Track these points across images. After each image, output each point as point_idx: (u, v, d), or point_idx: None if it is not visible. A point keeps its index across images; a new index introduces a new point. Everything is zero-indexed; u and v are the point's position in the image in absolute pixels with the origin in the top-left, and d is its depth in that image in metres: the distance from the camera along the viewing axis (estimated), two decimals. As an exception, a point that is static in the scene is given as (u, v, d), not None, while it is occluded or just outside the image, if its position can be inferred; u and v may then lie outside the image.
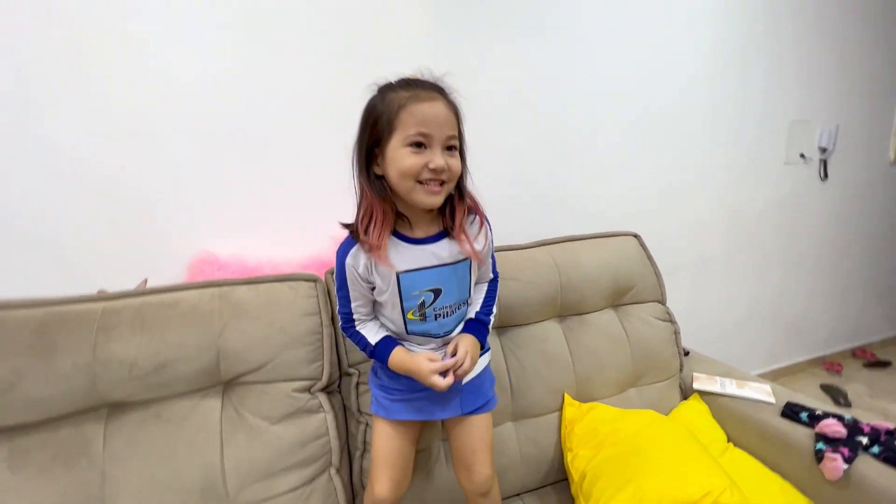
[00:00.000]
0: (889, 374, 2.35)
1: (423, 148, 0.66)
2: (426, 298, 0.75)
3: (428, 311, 0.76)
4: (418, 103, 0.65)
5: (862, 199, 2.39)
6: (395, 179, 0.68)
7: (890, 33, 2.24)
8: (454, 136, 0.69)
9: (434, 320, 0.78)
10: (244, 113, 1.21)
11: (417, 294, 0.75)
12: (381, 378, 0.87)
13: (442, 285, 0.76)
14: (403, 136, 0.66)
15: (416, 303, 0.75)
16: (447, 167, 0.67)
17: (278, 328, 0.92)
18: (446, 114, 0.67)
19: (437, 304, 0.77)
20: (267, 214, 1.28)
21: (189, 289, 0.92)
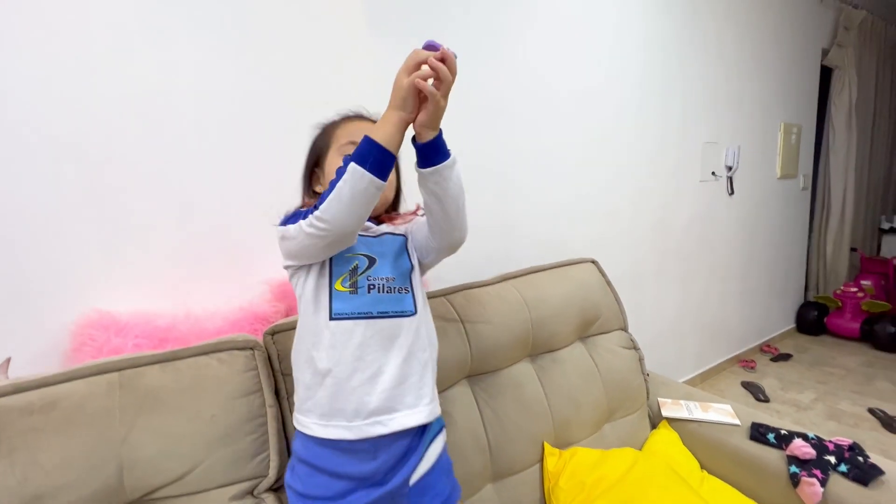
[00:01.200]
0: (792, 365, 2.64)
1: None
2: (359, 262, 0.68)
3: (360, 279, 0.67)
4: (349, 122, 0.78)
5: (759, 210, 2.69)
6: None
7: (773, 67, 2.57)
8: None
9: (367, 293, 0.66)
10: (148, 130, 0.97)
11: (349, 256, 0.68)
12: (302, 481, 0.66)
13: (377, 255, 0.70)
14: (337, 147, 0.74)
15: (347, 266, 0.67)
16: None
17: (207, 419, 0.71)
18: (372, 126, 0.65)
19: (373, 273, 0.68)
20: (181, 256, 1.04)
21: (73, 378, 0.67)
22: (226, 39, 1.03)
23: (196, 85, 1.01)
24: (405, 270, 0.72)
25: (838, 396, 2.27)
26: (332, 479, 0.64)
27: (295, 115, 1.13)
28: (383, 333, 0.66)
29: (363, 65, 1.21)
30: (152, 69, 0.96)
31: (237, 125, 1.06)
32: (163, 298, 1.03)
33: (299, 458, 0.67)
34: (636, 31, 1.86)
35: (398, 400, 0.65)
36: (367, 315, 0.65)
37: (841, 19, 2.90)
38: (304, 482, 0.65)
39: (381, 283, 0.68)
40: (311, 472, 0.65)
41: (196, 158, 1.02)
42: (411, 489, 0.67)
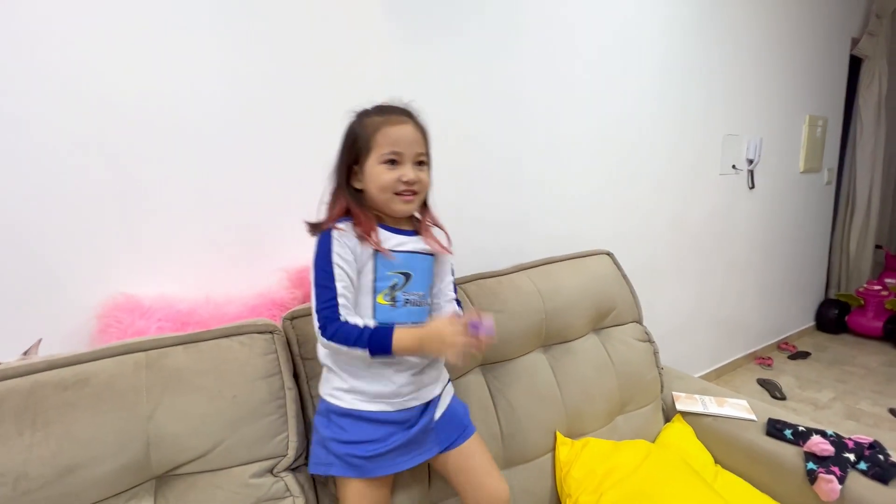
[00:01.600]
0: (810, 364, 2.59)
1: (396, 164, 0.75)
2: (398, 280, 0.78)
3: (398, 294, 0.78)
4: (391, 126, 0.75)
5: (780, 204, 2.62)
6: (375, 192, 0.76)
7: (799, 56, 2.49)
8: (423, 154, 0.78)
9: (403, 306, 0.78)
10: (169, 122, 0.99)
11: (390, 274, 0.77)
12: (346, 429, 0.75)
13: (412, 271, 0.79)
14: (379, 154, 0.75)
15: (387, 283, 0.77)
16: (418, 179, 0.76)
17: (229, 399, 0.73)
18: (415, 134, 0.77)
19: (408, 289, 0.78)
20: (202, 242, 1.06)
21: (102, 357, 0.70)
22: (249, 35, 1.04)
23: (217, 80, 1.02)
24: (428, 283, 0.83)
25: (858, 396, 2.22)
26: (374, 426, 0.75)
27: (311, 110, 1.14)
28: None
29: (379, 59, 1.21)
30: (175, 66, 0.97)
31: (256, 118, 1.07)
32: (184, 284, 1.06)
33: (341, 413, 0.76)
34: (657, 17, 1.82)
35: (426, 381, 0.81)
36: (402, 325, 0.75)
37: (873, 7, 2.79)
38: (349, 429, 0.75)
39: (414, 298, 0.79)
40: (353, 421, 0.75)
41: (217, 150, 1.04)
42: (436, 423, 0.83)
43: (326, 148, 1.17)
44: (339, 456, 0.74)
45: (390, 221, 0.80)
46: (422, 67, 1.28)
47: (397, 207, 0.77)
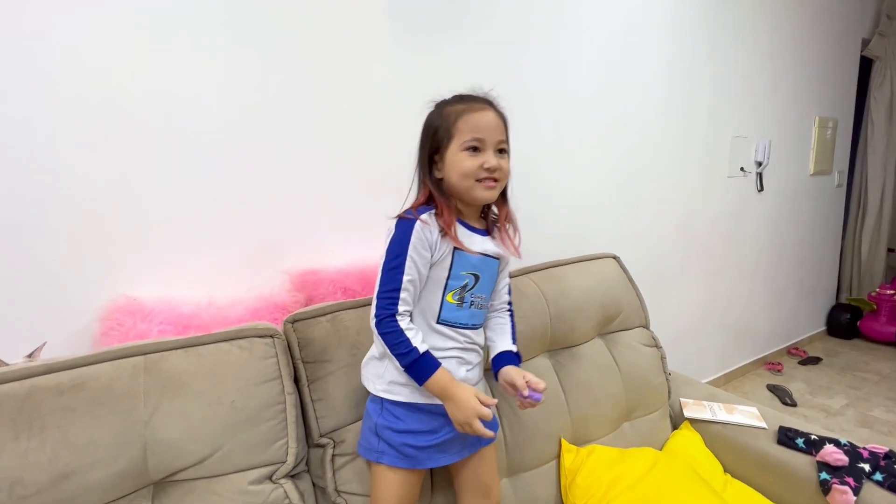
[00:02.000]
0: (821, 370, 2.54)
1: (478, 151, 0.75)
2: (469, 281, 0.78)
3: (466, 295, 0.78)
4: (472, 113, 0.75)
5: (790, 207, 2.58)
6: (456, 180, 0.75)
7: (809, 57, 2.46)
8: (503, 141, 0.77)
9: (468, 308, 0.79)
10: (174, 125, 0.98)
11: (464, 274, 0.77)
12: (402, 419, 0.76)
13: (481, 273, 0.79)
14: (460, 141, 0.74)
15: (459, 283, 0.77)
16: (499, 167, 0.75)
17: (227, 404, 0.72)
18: (496, 121, 0.76)
19: (476, 291, 0.79)
20: (205, 245, 1.05)
21: (101, 361, 0.69)
22: (250, 39, 1.03)
23: (221, 84, 1.01)
24: (492, 286, 0.84)
25: (871, 403, 2.18)
26: (431, 416, 0.76)
27: (315, 114, 1.13)
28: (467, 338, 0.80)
29: (385, 63, 1.20)
30: (180, 70, 0.97)
31: (261, 121, 1.07)
32: (186, 287, 1.05)
33: (397, 404, 0.76)
34: (663, 18, 1.80)
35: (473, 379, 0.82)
36: (463, 326, 0.79)
37: (884, 7, 2.75)
38: (405, 419, 0.76)
39: (479, 300, 0.80)
40: (408, 412, 0.76)
41: (221, 153, 1.04)
42: None
43: (330, 151, 1.18)
44: (393, 445, 0.75)
45: (468, 217, 0.81)
46: (428, 70, 1.27)
47: (479, 194, 0.76)
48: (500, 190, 0.79)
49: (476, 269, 0.78)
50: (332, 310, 0.91)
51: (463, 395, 0.70)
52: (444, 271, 0.76)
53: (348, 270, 1.17)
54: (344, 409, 0.84)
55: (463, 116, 0.74)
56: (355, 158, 1.20)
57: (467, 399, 0.70)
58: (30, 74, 0.84)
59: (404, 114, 1.23)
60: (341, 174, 1.18)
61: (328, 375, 0.85)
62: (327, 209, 1.18)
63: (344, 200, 1.19)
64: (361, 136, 1.20)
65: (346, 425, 0.84)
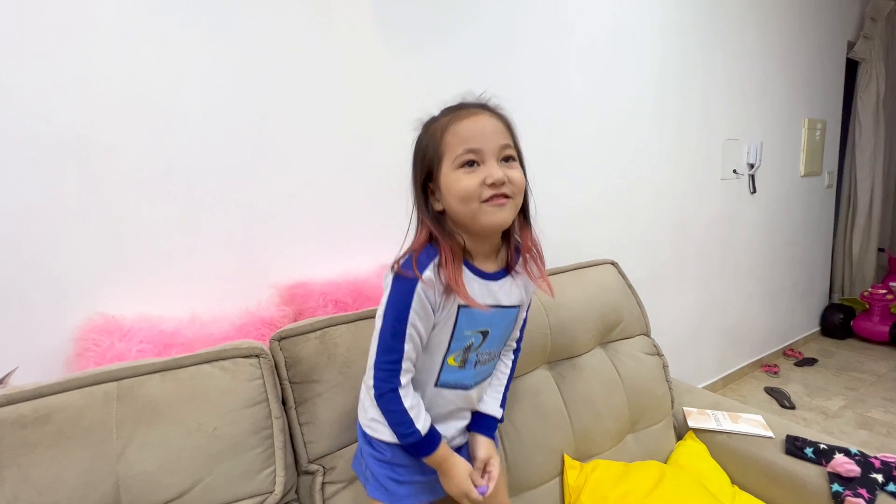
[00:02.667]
0: (818, 371, 2.53)
1: (477, 165, 0.61)
2: (475, 340, 0.66)
3: (471, 355, 0.68)
4: (460, 122, 0.61)
5: (782, 209, 2.59)
6: (457, 207, 0.61)
7: (796, 60, 2.47)
8: (509, 146, 0.63)
9: (472, 368, 0.69)
10: (152, 131, 0.93)
11: (469, 334, 0.66)
12: (383, 452, 0.69)
13: (491, 328, 0.67)
14: (452, 158, 0.60)
15: (463, 344, 0.66)
16: (508, 179, 0.61)
17: (209, 432, 0.67)
18: (494, 124, 0.62)
19: (482, 349, 0.68)
20: (187, 258, 1.00)
21: (68, 389, 0.64)
22: (235, 42, 0.99)
23: (202, 87, 0.97)
24: (509, 335, 0.74)
25: (869, 404, 2.17)
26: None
27: (305, 119, 1.09)
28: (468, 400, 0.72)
29: (373, 71, 1.16)
30: (158, 71, 0.92)
31: (245, 126, 1.02)
32: (168, 302, 1.00)
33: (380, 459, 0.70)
34: (653, 24, 1.79)
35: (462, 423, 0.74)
36: (465, 387, 0.70)
37: (868, 10, 2.79)
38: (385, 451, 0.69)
39: (486, 357, 0.70)
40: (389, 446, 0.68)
41: (203, 160, 0.99)
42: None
43: (319, 161, 1.14)
44: (374, 474, 0.70)
45: (480, 256, 0.66)
46: (419, 78, 1.23)
47: (487, 220, 0.60)
48: (517, 207, 0.64)
49: (486, 325, 0.66)
50: (321, 325, 0.86)
51: (456, 473, 0.66)
52: (447, 333, 0.64)
53: (339, 282, 1.13)
54: (333, 432, 0.79)
55: (450, 128, 0.60)
56: (346, 167, 1.16)
57: (460, 479, 0.65)
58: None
59: (397, 122, 1.20)
60: (331, 183, 1.14)
61: (316, 397, 0.80)
62: (317, 219, 1.13)
63: (334, 210, 1.15)
64: (352, 144, 1.16)
65: (336, 450, 0.79)
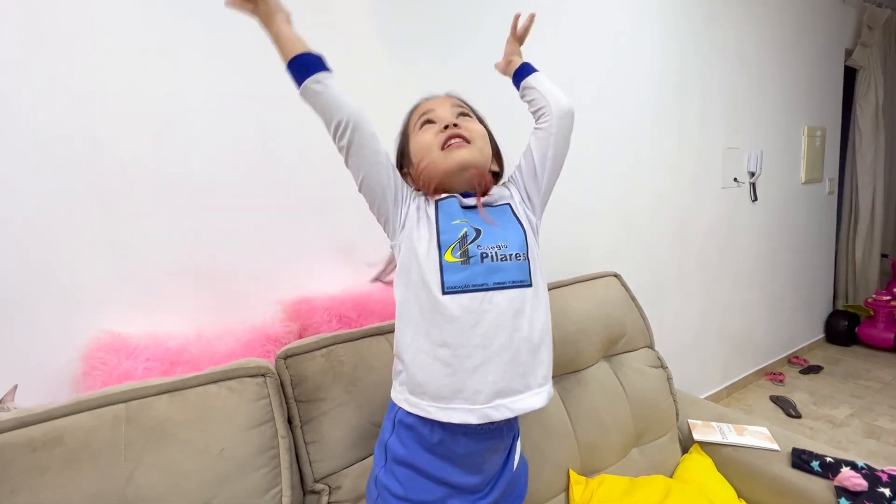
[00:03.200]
0: (823, 378, 2.52)
1: (433, 124, 0.69)
2: (468, 231, 0.62)
3: (471, 247, 0.61)
4: (421, 103, 0.73)
5: (784, 216, 2.59)
6: (424, 164, 0.66)
7: (795, 68, 2.49)
8: (461, 107, 0.72)
9: (480, 262, 0.60)
10: (156, 147, 0.95)
11: (458, 223, 0.62)
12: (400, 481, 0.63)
13: (482, 227, 0.63)
14: (413, 125, 0.71)
15: (455, 235, 0.61)
16: (462, 125, 0.67)
17: (216, 453, 0.68)
18: (447, 98, 0.73)
19: (483, 242, 0.62)
20: (193, 275, 1.01)
21: (78, 411, 0.64)
22: (240, 51, 1.01)
23: (209, 99, 0.99)
24: (517, 231, 0.65)
25: (876, 412, 2.15)
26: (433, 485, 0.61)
27: (307, 132, 1.10)
28: (501, 307, 0.60)
29: (373, 77, 1.18)
30: (165, 86, 0.94)
31: (251, 139, 1.04)
32: (174, 319, 1.01)
33: (398, 460, 0.62)
34: (653, 33, 1.81)
35: (519, 381, 0.60)
36: (482, 287, 0.59)
37: (865, 18, 2.81)
38: (405, 485, 0.61)
39: (494, 251, 0.61)
40: (412, 475, 0.62)
41: (209, 177, 1.00)
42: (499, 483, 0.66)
43: (322, 174, 1.15)
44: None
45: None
46: (417, 90, 1.25)
47: (450, 161, 0.64)
48: (479, 153, 0.66)
49: (472, 223, 0.63)
50: (327, 343, 0.87)
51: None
52: (431, 227, 0.62)
53: (343, 297, 1.13)
54: (339, 451, 0.79)
55: (414, 111, 0.73)
56: (349, 181, 1.17)
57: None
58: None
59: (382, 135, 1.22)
60: (334, 197, 1.15)
61: (322, 415, 0.80)
62: (319, 234, 1.15)
63: (337, 225, 1.16)
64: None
65: (341, 469, 0.79)
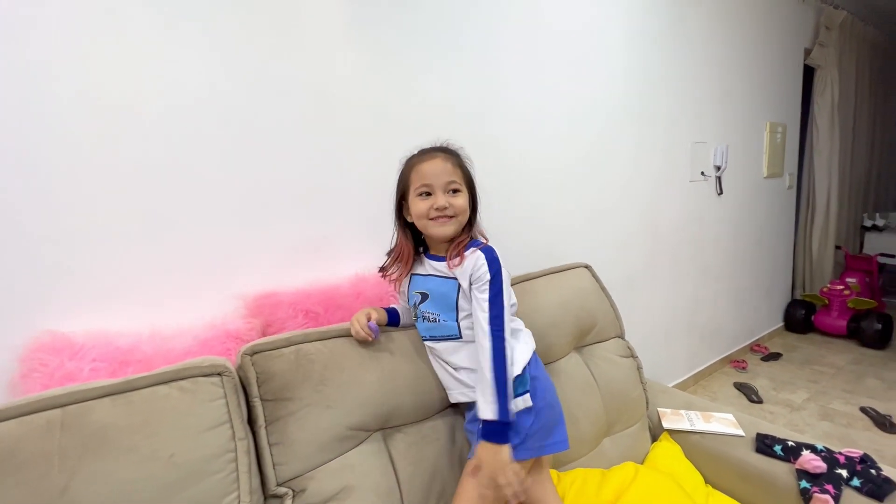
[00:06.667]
0: (782, 365, 2.63)
1: (429, 195, 0.86)
2: (416, 299, 0.92)
3: (418, 310, 0.91)
4: (421, 164, 0.87)
5: (747, 209, 2.68)
6: (416, 221, 0.88)
7: (759, 66, 2.56)
8: (454, 182, 0.86)
9: (422, 321, 0.91)
10: (104, 136, 0.87)
11: (414, 293, 0.92)
12: None
13: (429, 292, 0.90)
14: (414, 188, 0.87)
15: (413, 301, 0.93)
16: (449, 205, 0.85)
17: (164, 460, 0.63)
18: (444, 166, 0.86)
19: (423, 307, 0.90)
20: (147, 269, 0.94)
21: (5, 418, 0.58)
22: (195, 45, 0.94)
23: (162, 91, 0.92)
24: (451, 304, 0.87)
25: (830, 396, 2.26)
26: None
27: (273, 121, 1.05)
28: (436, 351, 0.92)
29: (343, 80, 1.13)
30: (115, 75, 0.87)
31: (213, 119, 0.97)
32: (126, 316, 0.94)
33: None
34: (621, 32, 1.81)
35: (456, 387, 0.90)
36: (424, 337, 0.93)
37: (822, 19, 2.92)
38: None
39: (429, 316, 0.89)
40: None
41: (160, 159, 0.93)
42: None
43: (287, 164, 1.09)
44: None
45: (434, 249, 0.92)
46: (386, 85, 1.20)
47: (433, 231, 0.86)
48: (458, 225, 0.87)
49: (423, 288, 0.90)
50: (298, 340, 0.83)
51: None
52: (405, 294, 0.94)
53: (310, 291, 1.09)
54: (306, 453, 0.75)
55: (414, 168, 0.86)
56: (316, 171, 1.12)
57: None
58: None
59: (365, 128, 1.17)
60: (300, 186, 1.10)
61: (289, 416, 0.76)
62: (286, 225, 1.09)
63: (304, 215, 1.11)
64: (323, 149, 1.12)
65: (307, 471, 0.75)
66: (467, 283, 0.83)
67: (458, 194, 0.86)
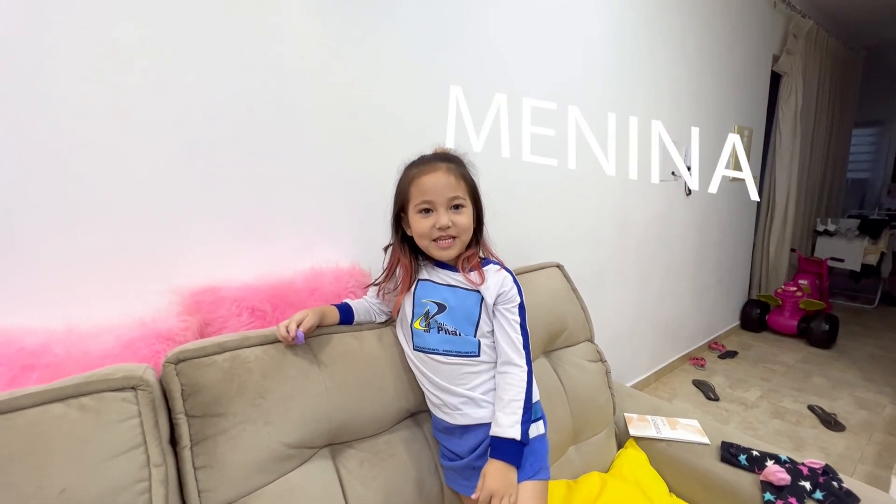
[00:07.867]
0: (738, 363, 2.71)
1: (431, 212, 0.80)
2: (430, 309, 0.82)
3: (433, 321, 0.82)
4: (421, 178, 0.80)
5: (712, 210, 2.72)
6: (417, 241, 0.83)
7: (729, 69, 2.58)
8: (457, 197, 0.80)
9: (437, 332, 0.81)
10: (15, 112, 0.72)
11: (426, 302, 0.82)
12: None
13: (446, 302, 0.82)
14: (414, 204, 0.80)
15: (422, 310, 0.82)
16: (452, 223, 0.79)
17: (53, 496, 0.51)
18: (446, 180, 0.79)
19: (440, 319, 0.81)
20: (64, 257, 0.80)
21: None
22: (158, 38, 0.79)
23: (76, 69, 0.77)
24: (473, 320, 0.81)
25: (780, 393, 2.34)
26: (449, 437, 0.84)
27: (219, 98, 0.92)
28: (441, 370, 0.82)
29: (304, 56, 1.00)
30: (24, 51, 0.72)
31: (135, 96, 0.83)
32: (37, 309, 0.81)
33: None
34: (600, 23, 1.76)
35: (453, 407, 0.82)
36: (434, 351, 0.81)
37: (791, 27, 2.98)
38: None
39: (447, 328, 0.81)
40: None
41: (84, 134, 0.79)
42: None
43: (233, 141, 0.97)
44: None
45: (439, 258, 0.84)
46: (352, 66, 1.09)
47: (436, 254, 0.81)
48: (461, 245, 0.81)
49: (440, 299, 0.81)
50: (233, 346, 0.72)
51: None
52: (409, 304, 0.83)
53: (257, 286, 0.98)
54: (238, 477, 0.65)
55: (414, 181, 0.79)
56: (266, 149, 1.00)
57: None
58: None
59: (319, 104, 1.05)
60: (247, 167, 0.97)
61: (220, 434, 0.66)
62: (230, 209, 0.97)
63: (251, 199, 0.98)
64: (275, 126, 1.00)
65: (240, 497, 0.65)
66: (492, 300, 0.80)
67: (462, 210, 0.81)
